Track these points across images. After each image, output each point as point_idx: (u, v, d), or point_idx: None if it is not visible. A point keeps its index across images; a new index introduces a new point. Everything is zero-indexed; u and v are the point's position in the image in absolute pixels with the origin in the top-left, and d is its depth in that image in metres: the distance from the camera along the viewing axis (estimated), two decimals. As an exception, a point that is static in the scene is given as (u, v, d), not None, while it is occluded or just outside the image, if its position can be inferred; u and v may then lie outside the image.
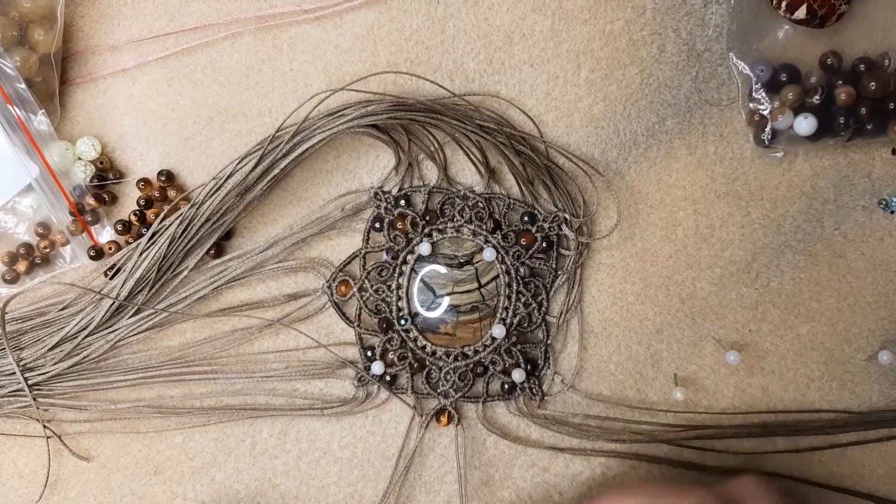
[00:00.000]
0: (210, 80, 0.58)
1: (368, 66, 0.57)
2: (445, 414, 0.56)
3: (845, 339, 0.56)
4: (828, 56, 0.53)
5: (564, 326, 0.57)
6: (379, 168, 0.57)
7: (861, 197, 0.55)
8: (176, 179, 0.58)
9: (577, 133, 0.56)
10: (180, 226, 0.55)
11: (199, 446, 0.58)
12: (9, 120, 0.55)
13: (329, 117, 0.54)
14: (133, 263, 0.55)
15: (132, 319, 0.56)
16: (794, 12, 0.51)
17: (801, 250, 0.56)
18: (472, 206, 0.56)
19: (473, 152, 0.56)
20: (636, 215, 0.56)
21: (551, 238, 0.56)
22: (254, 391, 0.58)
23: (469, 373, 0.56)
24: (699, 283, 0.56)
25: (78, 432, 0.58)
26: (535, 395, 0.56)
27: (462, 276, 0.56)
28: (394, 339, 0.56)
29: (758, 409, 0.56)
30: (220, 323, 0.58)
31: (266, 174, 0.54)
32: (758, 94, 0.53)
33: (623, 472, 0.56)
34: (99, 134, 0.58)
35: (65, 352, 0.56)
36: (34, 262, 0.58)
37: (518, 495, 0.57)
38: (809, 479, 0.55)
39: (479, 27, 0.56)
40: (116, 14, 0.58)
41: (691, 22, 0.56)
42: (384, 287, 0.56)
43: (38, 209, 0.58)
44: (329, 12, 0.57)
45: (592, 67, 0.56)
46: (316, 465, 0.58)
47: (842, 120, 0.52)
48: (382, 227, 0.56)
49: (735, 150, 0.56)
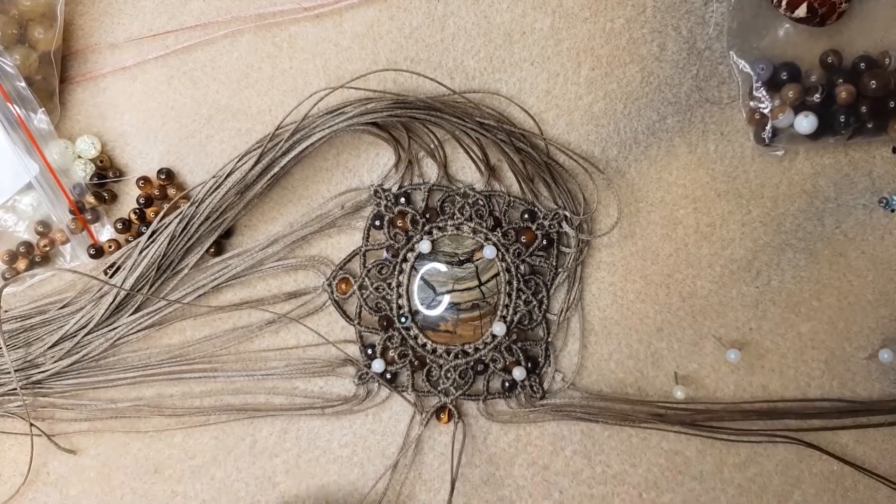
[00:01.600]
0: (210, 79, 0.58)
1: (368, 63, 0.57)
2: (446, 412, 0.56)
3: (846, 338, 0.56)
4: (828, 54, 0.53)
5: (565, 324, 0.56)
6: (379, 166, 0.57)
7: (862, 195, 0.55)
8: (176, 177, 0.58)
9: (577, 131, 0.56)
10: (180, 224, 0.55)
11: (199, 445, 0.58)
12: (9, 118, 0.55)
13: (329, 115, 0.54)
14: (133, 261, 0.55)
15: (132, 317, 0.56)
16: (795, 10, 0.51)
17: (802, 249, 0.56)
18: (473, 204, 0.55)
19: (474, 150, 0.56)
20: (637, 213, 0.56)
21: (552, 236, 0.55)
22: (254, 389, 0.58)
23: (469, 370, 0.56)
24: (700, 281, 0.56)
25: (77, 431, 0.58)
26: (535, 393, 0.56)
27: (462, 273, 0.56)
28: (394, 337, 0.56)
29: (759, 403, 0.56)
30: (220, 321, 0.58)
31: (266, 172, 0.54)
32: (758, 92, 0.53)
33: (623, 470, 0.56)
34: (99, 132, 0.58)
35: (64, 350, 0.56)
36: (34, 260, 0.58)
37: (518, 493, 0.57)
38: (845, 459, 0.55)
39: (479, 25, 0.56)
40: (116, 12, 0.58)
41: (692, 20, 0.56)
42: (384, 285, 0.56)
43: (37, 207, 0.58)
44: (329, 10, 0.57)
45: (593, 65, 0.56)
46: (316, 464, 0.58)
47: (842, 118, 0.52)
48: (383, 224, 0.56)
49: (736, 149, 0.56)
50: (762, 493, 0.56)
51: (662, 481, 0.56)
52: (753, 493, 0.56)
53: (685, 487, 0.56)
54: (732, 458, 0.56)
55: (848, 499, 0.56)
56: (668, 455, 0.56)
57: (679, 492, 0.56)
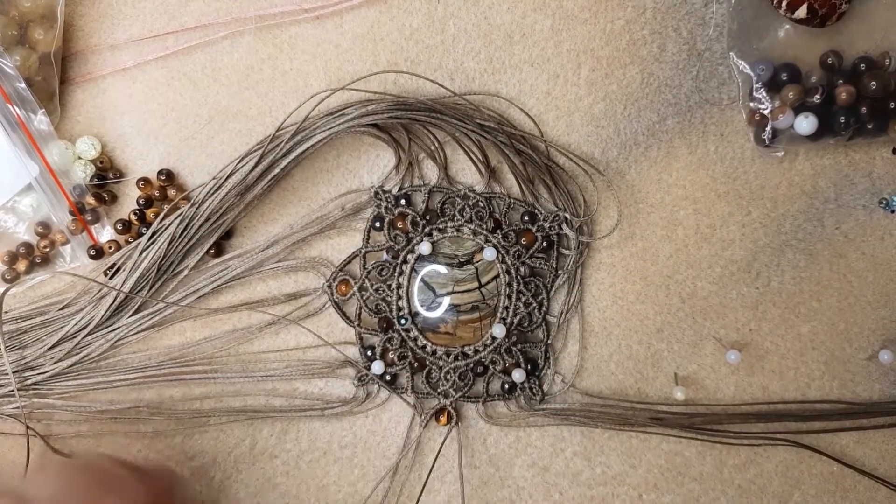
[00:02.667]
0: (210, 80, 0.58)
1: (369, 65, 0.57)
2: (445, 413, 0.56)
3: (846, 339, 0.56)
4: (828, 55, 0.53)
5: (565, 326, 0.56)
6: (379, 167, 0.57)
7: (862, 196, 0.55)
8: (176, 179, 0.58)
9: (577, 132, 0.56)
10: (180, 225, 0.55)
11: (199, 446, 0.58)
12: (9, 119, 0.55)
13: (329, 117, 0.54)
14: (133, 263, 0.55)
15: (132, 318, 0.56)
16: (795, 12, 0.51)
17: (802, 250, 0.56)
18: (473, 206, 0.55)
19: (474, 152, 0.56)
20: (637, 215, 0.56)
21: (552, 237, 0.55)
22: (254, 391, 0.57)
23: (469, 372, 0.56)
24: (700, 282, 0.56)
25: (77, 432, 0.58)
26: (535, 395, 0.56)
27: (462, 275, 0.56)
28: (394, 339, 0.56)
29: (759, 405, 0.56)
30: (219, 322, 0.58)
31: (266, 173, 0.54)
32: (758, 93, 0.53)
33: (623, 471, 0.56)
34: (99, 133, 0.58)
35: (64, 351, 0.56)
36: (34, 261, 0.58)
37: (518, 494, 0.57)
38: (844, 461, 0.55)
39: (479, 26, 0.56)
40: (116, 13, 0.58)
41: (692, 21, 0.56)
42: (384, 286, 0.56)
43: (37, 208, 0.58)
44: (329, 11, 0.57)
45: (593, 67, 0.56)
46: (316, 465, 0.58)
47: (842, 119, 0.52)
48: (383, 226, 0.56)
49: (736, 150, 0.56)
50: (762, 493, 0.56)
51: (662, 482, 0.56)
52: (753, 494, 0.56)
53: (685, 488, 0.56)
54: (732, 458, 0.56)
55: (848, 499, 0.56)
56: (668, 456, 0.56)
57: (679, 493, 0.56)
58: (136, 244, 0.56)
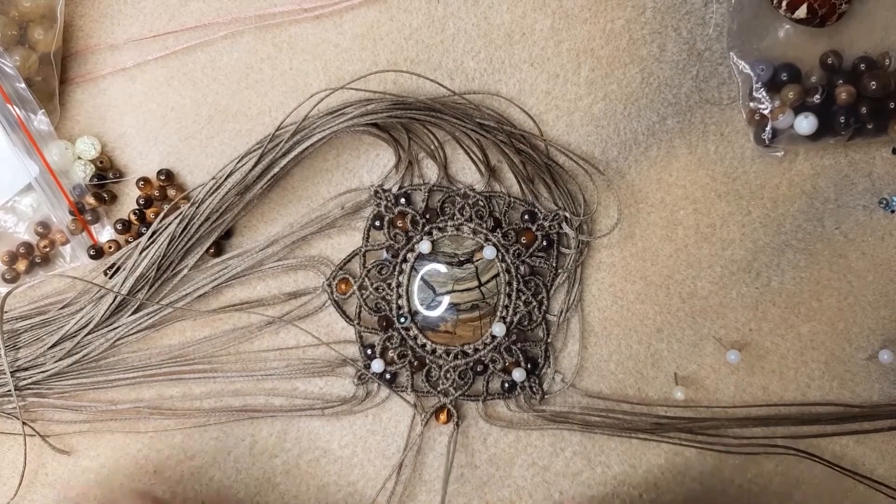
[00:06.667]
0: (210, 79, 0.58)
1: (368, 64, 0.57)
2: (444, 411, 0.56)
3: (846, 339, 0.56)
4: (828, 55, 0.53)
5: (565, 325, 0.56)
6: (379, 166, 0.57)
7: (862, 196, 0.55)
8: (176, 178, 0.58)
9: (577, 132, 0.56)
10: (180, 225, 0.55)
11: (199, 445, 0.58)
12: (8, 119, 0.55)
13: (329, 116, 0.54)
14: (133, 262, 0.55)
15: (132, 317, 0.56)
16: (795, 11, 0.51)
17: (802, 249, 0.56)
18: (473, 205, 0.55)
19: (474, 151, 0.56)
20: (637, 214, 0.56)
21: (552, 236, 0.55)
22: (253, 390, 0.57)
23: (469, 371, 0.56)
24: (700, 282, 0.56)
25: (77, 432, 0.58)
26: (535, 394, 0.56)
27: (462, 274, 0.56)
28: (394, 338, 0.56)
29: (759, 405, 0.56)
30: (219, 321, 0.58)
31: (266, 173, 0.54)
32: (758, 93, 0.53)
33: (623, 471, 0.56)
34: (99, 133, 0.58)
35: (64, 350, 0.56)
36: (34, 261, 0.58)
37: (518, 494, 0.57)
38: (843, 466, 0.55)
39: (479, 26, 0.56)
40: (116, 13, 0.58)
41: (692, 21, 0.56)
42: (384, 285, 0.56)
43: (37, 208, 0.58)
44: (329, 11, 0.57)
45: (593, 66, 0.56)
46: (316, 465, 0.58)
47: (842, 119, 0.52)
48: (382, 225, 0.56)
49: (735, 150, 0.56)
50: (762, 494, 0.56)
51: (662, 482, 0.56)
52: (753, 495, 0.56)
53: (685, 488, 0.56)
54: (732, 459, 0.56)
55: (848, 500, 0.56)
56: (667, 456, 0.56)
57: (679, 493, 0.56)
58: (135, 244, 0.56)
